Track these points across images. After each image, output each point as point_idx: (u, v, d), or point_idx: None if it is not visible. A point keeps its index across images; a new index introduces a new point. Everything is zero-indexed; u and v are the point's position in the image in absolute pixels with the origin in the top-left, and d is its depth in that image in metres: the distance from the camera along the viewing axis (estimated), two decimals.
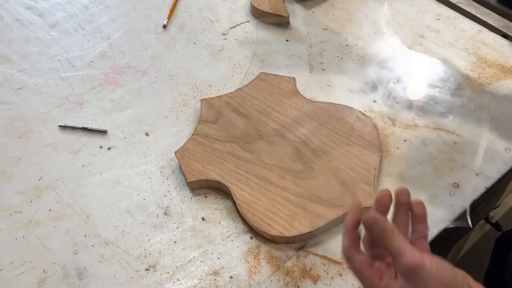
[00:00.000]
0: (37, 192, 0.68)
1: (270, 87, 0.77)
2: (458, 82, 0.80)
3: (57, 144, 0.73)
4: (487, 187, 0.67)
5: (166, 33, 0.89)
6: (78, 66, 0.84)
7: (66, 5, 0.94)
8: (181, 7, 0.94)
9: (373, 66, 0.83)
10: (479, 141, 0.58)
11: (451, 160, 0.70)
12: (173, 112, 0.77)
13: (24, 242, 0.63)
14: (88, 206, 0.66)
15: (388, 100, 0.77)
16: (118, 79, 0.82)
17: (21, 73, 0.83)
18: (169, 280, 0.60)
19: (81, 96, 0.79)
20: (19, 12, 0.93)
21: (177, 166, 0.70)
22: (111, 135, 0.74)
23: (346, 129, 0.71)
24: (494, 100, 0.77)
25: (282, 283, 0.59)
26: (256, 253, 0.62)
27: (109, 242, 0.63)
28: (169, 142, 0.73)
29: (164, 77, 0.82)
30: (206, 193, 0.68)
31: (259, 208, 0.63)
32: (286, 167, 0.67)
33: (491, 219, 1.29)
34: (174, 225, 0.65)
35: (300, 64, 0.83)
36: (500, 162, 0.70)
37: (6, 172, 0.70)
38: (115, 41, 0.88)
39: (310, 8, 0.93)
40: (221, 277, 0.60)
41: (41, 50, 0.86)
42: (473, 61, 0.83)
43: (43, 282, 0.60)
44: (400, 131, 0.73)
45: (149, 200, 0.67)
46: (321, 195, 0.64)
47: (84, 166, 0.71)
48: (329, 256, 0.61)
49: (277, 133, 0.71)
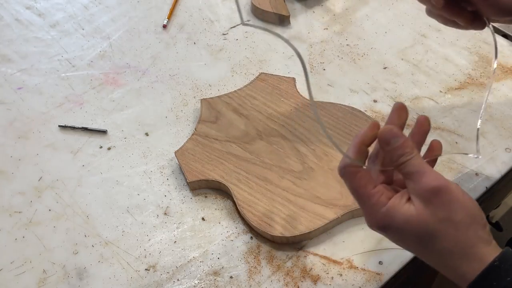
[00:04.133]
0: (37, 192, 0.68)
1: (270, 87, 0.77)
2: (460, 81, 0.80)
3: (57, 144, 0.73)
4: (487, 187, 0.67)
5: (166, 33, 0.89)
6: (78, 66, 0.84)
7: (66, 5, 0.94)
8: (181, 7, 0.94)
9: (373, 66, 0.83)
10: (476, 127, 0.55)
11: (451, 160, 0.70)
12: (173, 112, 0.77)
13: (24, 242, 0.63)
14: (88, 206, 0.66)
15: (388, 100, 0.77)
16: (118, 79, 0.82)
17: (21, 73, 0.83)
18: (169, 280, 0.60)
19: (81, 96, 0.79)
20: (19, 12, 0.93)
21: (177, 166, 0.70)
22: (111, 135, 0.74)
23: (346, 129, 0.71)
24: (494, 100, 0.77)
25: (282, 283, 0.59)
26: (256, 253, 0.62)
27: (109, 242, 0.63)
28: (169, 142, 0.73)
29: (164, 77, 0.82)
30: (206, 193, 0.68)
31: (259, 208, 0.63)
32: (286, 167, 0.67)
33: (491, 219, 1.29)
34: (174, 225, 0.65)
35: (300, 64, 0.83)
36: (500, 162, 0.70)
37: (6, 172, 0.70)
38: (115, 41, 0.88)
39: (310, 7, 0.93)
40: (221, 277, 0.60)
41: (41, 50, 0.86)
42: (475, 60, 0.83)
43: (43, 282, 0.60)
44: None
45: (149, 200, 0.67)
46: (320, 195, 0.64)
47: (84, 166, 0.71)
48: (329, 256, 0.61)
49: (277, 133, 0.71)
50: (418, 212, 0.39)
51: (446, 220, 0.39)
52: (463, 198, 0.40)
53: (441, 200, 0.39)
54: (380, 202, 0.41)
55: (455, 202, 0.39)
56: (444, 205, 0.39)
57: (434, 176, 0.40)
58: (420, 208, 0.39)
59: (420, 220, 0.39)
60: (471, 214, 0.39)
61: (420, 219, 0.39)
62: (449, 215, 0.39)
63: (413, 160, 0.40)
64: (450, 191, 0.39)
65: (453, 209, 0.39)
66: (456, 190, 0.40)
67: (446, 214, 0.39)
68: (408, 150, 0.40)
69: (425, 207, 0.39)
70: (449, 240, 0.39)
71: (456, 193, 0.40)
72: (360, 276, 0.60)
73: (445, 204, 0.39)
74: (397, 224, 0.40)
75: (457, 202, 0.39)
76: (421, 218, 0.39)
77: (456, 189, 0.40)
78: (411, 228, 0.40)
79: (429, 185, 0.39)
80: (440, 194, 0.39)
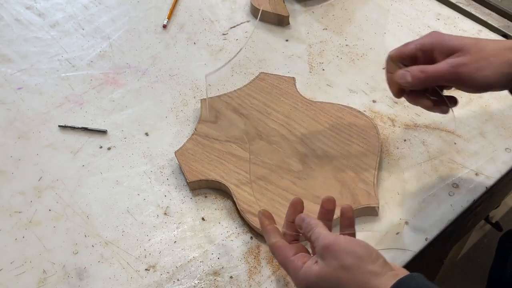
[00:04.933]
0: (37, 192, 0.68)
1: (270, 87, 0.77)
2: None
3: (57, 144, 0.73)
4: (487, 187, 0.67)
5: (166, 33, 0.89)
6: (78, 66, 0.84)
7: (66, 5, 0.94)
8: (181, 7, 0.94)
9: (372, 66, 0.83)
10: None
11: (451, 160, 0.70)
12: (173, 112, 0.77)
13: (24, 242, 0.63)
14: (88, 206, 0.66)
15: (387, 100, 0.77)
16: (118, 79, 0.82)
17: (21, 73, 0.83)
18: (169, 280, 0.60)
19: (81, 96, 0.79)
20: (19, 12, 0.93)
21: (177, 166, 0.70)
22: (111, 135, 0.74)
23: (346, 129, 0.71)
24: (494, 100, 0.77)
25: (282, 283, 0.59)
26: (256, 253, 0.62)
27: (109, 242, 0.63)
28: (169, 142, 0.73)
29: (164, 77, 0.82)
30: (206, 193, 0.68)
31: (259, 208, 0.63)
32: (286, 167, 0.67)
33: (491, 219, 1.29)
34: (174, 225, 0.65)
35: (300, 64, 0.83)
36: (500, 162, 0.70)
37: (6, 172, 0.70)
38: (115, 41, 0.88)
39: (310, 7, 0.93)
40: (221, 277, 0.60)
41: (41, 50, 0.86)
42: None
43: (43, 282, 0.60)
44: (400, 131, 0.73)
45: (149, 200, 0.67)
46: (321, 195, 0.64)
47: (84, 166, 0.71)
48: None
49: (277, 133, 0.71)
50: (320, 269, 0.48)
51: (339, 267, 0.46)
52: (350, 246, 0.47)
53: (331, 253, 0.47)
54: (298, 266, 0.50)
55: (341, 251, 0.47)
56: (333, 256, 0.47)
57: (324, 236, 0.49)
58: (321, 264, 0.48)
59: (323, 274, 0.47)
60: (358, 256, 0.46)
61: (322, 273, 0.47)
62: (340, 262, 0.46)
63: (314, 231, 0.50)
64: (337, 243, 0.48)
65: (341, 257, 0.47)
66: (343, 241, 0.48)
67: (337, 263, 0.47)
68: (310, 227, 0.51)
69: (323, 262, 0.48)
70: (348, 283, 0.46)
71: (343, 244, 0.47)
72: None
73: (334, 255, 0.47)
74: (312, 282, 0.48)
75: (343, 251, 0.47)
76: (323, 272, 0.47)
77: (344, 241, 0.48)
78: (322, 282, 0.48)
79: (321, 244, 0.48)
80: (329, 248, 0.48)
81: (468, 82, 0.54)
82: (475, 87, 0.55)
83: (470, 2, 0.93)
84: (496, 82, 0.54)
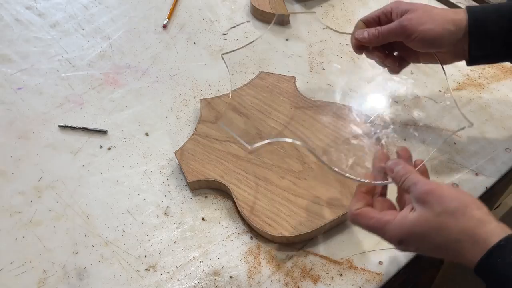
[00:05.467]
0: (37, 192, 0.68)
1: (270, 86, 0.77)
2: (458, 82, 0.80)
3: (57, 144, 0.73)
4: (487, 187, 0.67)
5: (166, 33, 0.89)
6: (78, 66, 0.84)
7: (66, 5, 0.94)
8: (181, 7, 0.94)
9: (372, 66, 0.82)
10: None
11: (451, 160, 0.70)
12: (173, 112, 0.77)
13: (24, 242, 0.63)
14: (88, 206, 0.66)
15: (387, 100, 0.77)
16: (118, 79, 0.82)
17: (21, 73, 0.83)
18: (169, 280, 0.60)
19: (81, 96, 0.79)
20: (19, 12, 0.93)
21: (177, 166, 0.70)
22: (111, 135, 0.74)
23: (345, 129, 0.71)
24: (494, 100, 0.77)
25: (282, 283, 0.59)
26: (256, 253, 0.62)
27: (109, 242, 0.63)
28: (169, 142, 0.73)
29: (164, 77, 0.82)
30: (206, 193, 0.68)
31: (259, 208, 0.63)
32: (286, 167, 0.67)
33: None
34: (174, 225, 0.65)
35: (300, 64, 0.83)
36: (500, 162, 0.70)
37: (6, 172, 0.70)
38: (115, 41, 0.88)
39: (310, 8, 0.93)
40: (221, 277, 0.60)
41: (41, 50, 0.86)
42: None
43: (43, 282, 0.60)
44: (400, 131, 0.73)
45: (149, 200, 0.67)
46: (320, 195, 0.64)
47: (84, 166, 0.71)
48: (329, 256, 0.61)
49: (277, 132, 0.71)
50: (419, 214, 0.45)
51: (443, 212, 0.44)
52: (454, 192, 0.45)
53: (434, 197, 0.45)
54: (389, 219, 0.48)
55: (446, 196, 0.44)
56: (437, 200, 0.44)
57: (425, 182, 0.47)
58: (420, 210, 0.45)
59: (422, 220, 0.45)
60: (463, 201, 0.44)
61: (421, 219, 0.45)
62: (444, 207, 0.44)
63: (409, 177, 0.48)
64: (440, 189, 0.45)
65: (446, 201, 0.44)
66: (446, 187, 0.45)
67: (441, 207, 0.44)
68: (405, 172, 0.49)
69: (423, 207, 0.45)
70: (451, 230, 0.43)
71: (446, 189, 0.45)
72: (360, 276, 0.60)
73: (438, 200, 0.44)
74: (408, 232, 0.46)
75: (448, 196, 0.44)
76: (423, 217, 0.45)
77: (446, 187, 0.46)
78: (420, 229, 0.45)
79: (422, 189, 0.46)
80: (432, 193, 0.45)
81: (413, 35, 0.59)
82: (419, 40, 0.59)
83: (470, 2, 0.93)
84: (440, 37, 0.59)
